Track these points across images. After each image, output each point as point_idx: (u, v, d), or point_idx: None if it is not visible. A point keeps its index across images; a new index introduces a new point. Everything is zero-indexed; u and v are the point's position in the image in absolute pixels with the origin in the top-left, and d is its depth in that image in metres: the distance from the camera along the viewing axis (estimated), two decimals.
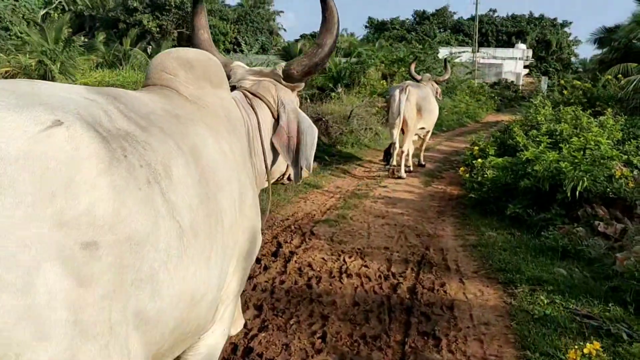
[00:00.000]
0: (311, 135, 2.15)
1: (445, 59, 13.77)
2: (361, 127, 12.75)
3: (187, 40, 42.00)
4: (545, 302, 3.80)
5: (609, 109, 7.84)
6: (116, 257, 1.02)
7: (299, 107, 2.24)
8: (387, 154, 9.03)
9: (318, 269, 4.45)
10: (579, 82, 16.75)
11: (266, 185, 2.19)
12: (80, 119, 1.07)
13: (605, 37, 23.26)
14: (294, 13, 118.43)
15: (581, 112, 7.73)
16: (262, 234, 1.98)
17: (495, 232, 5.69)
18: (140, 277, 1.09)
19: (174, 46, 39.80)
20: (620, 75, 16.60)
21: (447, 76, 11.25)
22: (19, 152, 0.92)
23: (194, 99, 1.69)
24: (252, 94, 2.12)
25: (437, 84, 10.12)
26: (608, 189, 5.36)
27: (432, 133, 10.50)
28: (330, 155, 10.45)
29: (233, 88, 2.15)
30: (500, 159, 6.67)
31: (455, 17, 54.17)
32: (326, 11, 2.13)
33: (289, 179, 2.42)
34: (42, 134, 0.96)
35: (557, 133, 7.51)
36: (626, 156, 6.14)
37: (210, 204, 1.40)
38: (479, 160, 7.01)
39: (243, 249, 1.70)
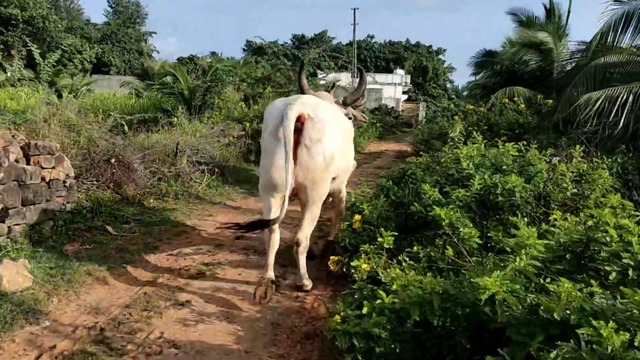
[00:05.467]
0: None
1: (359, 68, 11.03)
2: (195, 168, 8.64)
3: (39, 57, 35.60)
4: None
5: (577, 147, 4.53)
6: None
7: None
8: None
9: None
10: (471, 107, 14.31)
11: None
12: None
13: (486, 61, 22.02)
14: (176, 37, 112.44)
15: (536, 152, 4.34)
16: None
17: None
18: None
19: (25, 65, 34.20)
20: (516, 99, 14.47)
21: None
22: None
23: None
24: None
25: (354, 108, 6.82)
26: None
27: None
28: (123, 221, 6.18)
29: None
30: (415, 278, 2.87)
31: (334, 42, 52.59)
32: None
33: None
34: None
35: (496, 192, 4.03)
36: None
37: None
38: (364, 265, 3.18)
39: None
